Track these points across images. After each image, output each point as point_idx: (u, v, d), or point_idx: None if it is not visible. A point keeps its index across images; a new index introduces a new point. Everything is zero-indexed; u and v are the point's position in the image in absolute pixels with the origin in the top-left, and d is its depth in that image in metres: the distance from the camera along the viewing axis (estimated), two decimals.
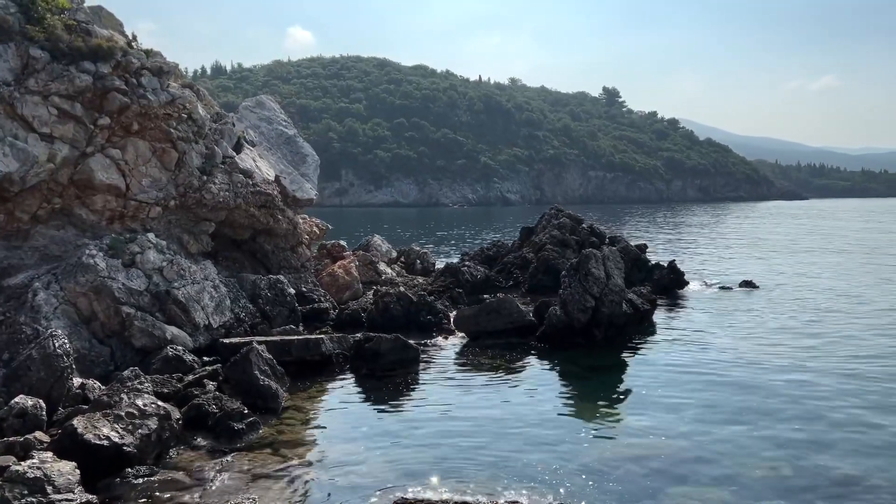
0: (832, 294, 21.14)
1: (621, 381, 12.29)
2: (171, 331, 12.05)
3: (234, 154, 15.87)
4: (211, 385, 10.56)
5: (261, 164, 16.67)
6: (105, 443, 7.77)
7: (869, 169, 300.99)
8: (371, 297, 17.24)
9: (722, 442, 8.98)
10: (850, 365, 12.79)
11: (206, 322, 12.83)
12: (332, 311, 16.53)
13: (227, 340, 12.48)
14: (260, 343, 11.44)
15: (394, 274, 21.50)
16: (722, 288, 22.52)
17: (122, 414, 8.21)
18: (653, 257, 24.59)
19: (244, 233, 16.19)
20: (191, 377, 10.75)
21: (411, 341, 13.22)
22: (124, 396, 8.70)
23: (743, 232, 54.68)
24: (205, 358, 11.86)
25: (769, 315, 17.84)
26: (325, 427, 9.79)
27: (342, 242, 21.04)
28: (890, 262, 30.28)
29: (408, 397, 11.14)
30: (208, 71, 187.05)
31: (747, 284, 22.79)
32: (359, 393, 11.46)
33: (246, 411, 9.53)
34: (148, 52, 14.25)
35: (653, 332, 15.73)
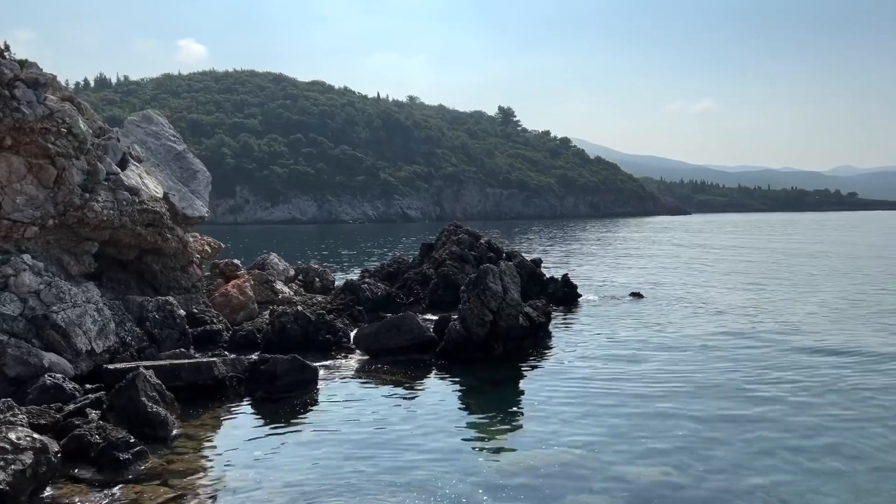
0: (716, 303, 22.38)
1: (519, 393, 12.54)
2: (50, 358, 11.30)
3: (119, 170, 15.14)
4: (94, 414, 9.93)
5: (148, 181, 15.98)
6: None
7: (745, 185, 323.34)
8: (267, 317, 16.80)
9: (615, 450, 9.30)
10: (731, 372, 13.57)
11: (89, 347, 12.11)
12: (225, 333, 15.99)
13: (111, 366, 11.81)
14: (147, 368, 10.89)
15: (291, 293, 21.07)
16: (612, 299, 23.44)
17: None
18: (547, 271, 25.29)
19: (130, 252, 15.45)
20: (72, 406, 10.08)
21: (310, 361, 12.97)
22: None
23: (631, 245, 57.20)
24: (87, 385, 11.15)
25: (656, 325, 18.69)
26: (218, 454, 9.42)
27: (236, 261, 20.42)
28: (768, 270, 32.44)
29: (306, 419, 10.91)
30: (92, 83, 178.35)
31: (635, 295, 23.84)
32: (254, 417, 11.12)
33: (132, 440, 9.05)
34: (23, 63, 13.41)
35: (549, 345, 16.14)
